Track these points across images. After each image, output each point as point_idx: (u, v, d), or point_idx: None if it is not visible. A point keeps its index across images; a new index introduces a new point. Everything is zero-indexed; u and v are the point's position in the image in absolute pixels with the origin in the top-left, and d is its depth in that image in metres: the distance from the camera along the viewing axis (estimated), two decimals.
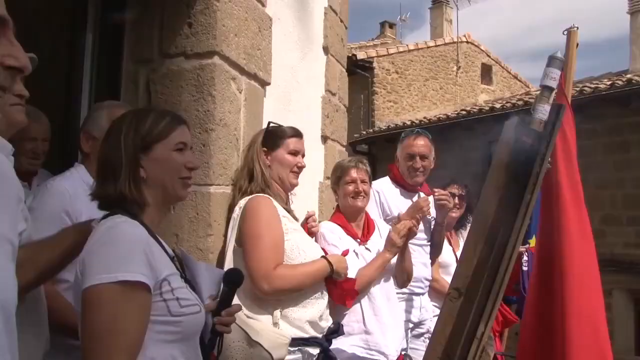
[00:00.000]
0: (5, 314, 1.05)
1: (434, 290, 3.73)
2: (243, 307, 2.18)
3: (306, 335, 2.41)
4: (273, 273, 2.32)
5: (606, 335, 2.48)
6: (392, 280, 3.11)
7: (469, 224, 4.26)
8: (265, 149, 2.63)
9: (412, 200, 3.52)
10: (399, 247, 2.98)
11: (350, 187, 3.04)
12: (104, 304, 1.36)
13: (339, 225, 3.04)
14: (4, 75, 1.01)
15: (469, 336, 1.47)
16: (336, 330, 2.55)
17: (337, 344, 2.70)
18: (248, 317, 2.29)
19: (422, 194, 3.60)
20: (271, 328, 2.30)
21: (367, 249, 3.04)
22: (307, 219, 2.93)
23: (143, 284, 1.39)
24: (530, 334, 2.55)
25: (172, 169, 1.59)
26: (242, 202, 2.49)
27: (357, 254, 2.98)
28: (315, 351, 2.45)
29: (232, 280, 1.82)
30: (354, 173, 3.07)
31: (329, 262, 2.49)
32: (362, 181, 3.06)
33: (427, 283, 3.58)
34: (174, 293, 1.51)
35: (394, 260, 3.03)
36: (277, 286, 2.33)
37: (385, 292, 3.01)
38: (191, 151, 1.68)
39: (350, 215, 3.09)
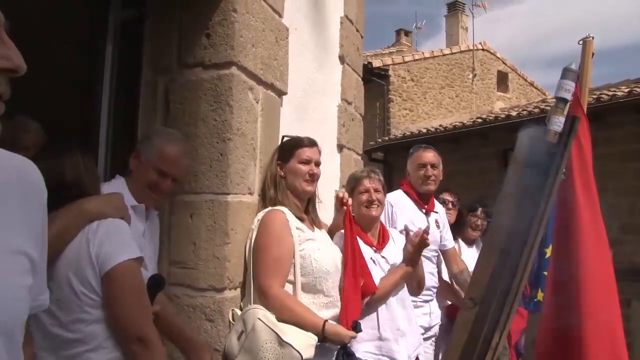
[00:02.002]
0: (7, 333, 1.03)
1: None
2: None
3: None
4: (270, 292, 2.44)
5: (623, 344, 2.47)
6: (406, 288, 3.15)
7: (465, 232, 4.48)
8: (279, 162, 2.76)
9: (424, 215, 3.71)
10: (415, 261, 3.08)
11: (364, 197, 3.10)
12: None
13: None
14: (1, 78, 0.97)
15: (484, 346, 1.48)
16: (354, 328, 2.59)
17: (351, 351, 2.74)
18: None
19: (433, 214, 3.82)
20: (299, 330, 2.38)
21: (383, 257, 3.09)
22: (341, 201, 2.97)
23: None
24: (546, 343, 2.54)
25: None
26: (259, 215, 2.63)
27: (374, 261, 3.03)
28: (334, 346, 2.53)
29: (153, 285, 2.04)
30: (366, 182, 3.13)
31: (323, 329, 2.47)
32: (376, 190, 3.10)
33: (434, 291, 3.76)
34: None
35: None
36: (270, 305, 2.43)
37: (400, 299, 3.05)
38: None
39: (365, 225, 3.12)
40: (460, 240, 4.46)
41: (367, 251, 3.02)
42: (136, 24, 2.88)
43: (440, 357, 3.84)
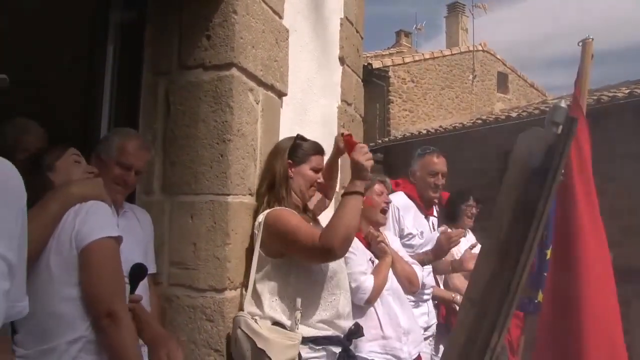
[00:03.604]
0: None
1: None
2: (269, 310, 2.42)
3: (329, 333, 2.49)
4: (327, 239, 2.35)
5: (622, 345, 2.48)
6: (401, 290, 3.17)
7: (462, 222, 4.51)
8: (290, 161, 2.70)
9: (426, 220, 3.73)
10: (384, 250, 3.12)
11: (380, 199, 3.12)
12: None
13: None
14: None
15: (483, 346, 1.49)
16: (356, 332, 2.60)
17: (355, 351, 2.75)
18: (275, 320, 2.42)
19: (431, 218, 3.88)
20: (281, 332, 2.38)
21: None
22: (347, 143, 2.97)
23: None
24: (545, 344, 2.55)
25: None
26: (260, 217, 2.57)
27: (372, 262, 3.06)
28: (337, 349, 2.52)
29: (134, 274, 2.12)
30: (380, 188, 3.17)
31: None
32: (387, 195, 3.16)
33: (431, 290, 3.73)
34: None
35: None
36: (337, 242, 2.34)
37: (397, 297, 3.08)
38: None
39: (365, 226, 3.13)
40: (470, 233, 4.49)
41: (366, 252, 3.05)
42: (137, 25, 2.89)
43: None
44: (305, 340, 2.42)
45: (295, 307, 2.43)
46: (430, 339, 3.71)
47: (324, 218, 3.02)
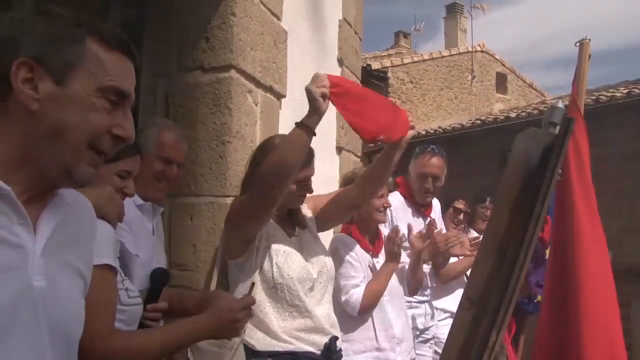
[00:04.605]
0: (70, 343, 1.09)
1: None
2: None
3: (292, 348, 2.28)
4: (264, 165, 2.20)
5: (622, 345, 2.48)
6: (402, 291, 3.12)
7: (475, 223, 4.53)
8: None
9: (421, 219, 3.62)
10: (398, 255, 2.95)
11: (380, 201, 3.00)
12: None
13: (354, 239, 3.01)
14: (108, 142, 1.07)
15: (481, 345, 1.49)
16: (328, 347, 2.36)
17: None
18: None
19: (429, 219, 3.70)
20: (215, 343, 2.07)
21: (378, 262, 3.04)
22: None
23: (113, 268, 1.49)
24: (545, 343, 2.55)
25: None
26: None
27: (370, 268, 3.01)
28: None
29: (158, 279, 1.92)
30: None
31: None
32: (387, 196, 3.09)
33: (429, 291, 3.64)
34: (124, 283, 1.64)
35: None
36: (269, 167, 2.18)
37: (396, 305, 3.01)
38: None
39: (368, 228, 3.08)
40: (472, 231, 4.49)
41: (365, 257, 2.99)
42: (135, 27, 2.90)
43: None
44: (263, 354, 2.24)
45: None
46: (431, 342, 3.65)
47: None
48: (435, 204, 3.92)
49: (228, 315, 1.72)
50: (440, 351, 3.78)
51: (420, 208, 3.73)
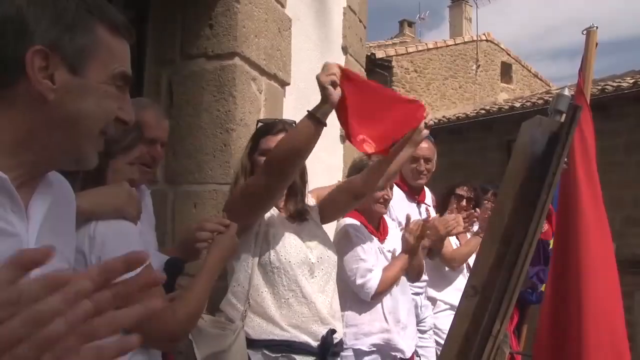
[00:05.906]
0: None
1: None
2: (224, 302, 2.25)
3: (288, 337, 2.24)
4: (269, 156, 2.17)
5: (624, 336, 2.48)
6: (405, 279, 3.14)
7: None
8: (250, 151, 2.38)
9: (416, 206, 3.64)
10: (415, 247, 2.95)
11: (380, 193, 2.97)
12: None
13: (362, 223, 3.03)
14: (115, 126, 1.08)
15: (485, 334, 1.49)
16: (325, 339, 2.30)
17: (357, 344, 2.73)
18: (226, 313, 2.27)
19: (423, 205, 3.71)
20: (220, 322, 2.17)
21: (388, 250, 3.06)
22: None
23: None
24: (546, 333, 2.55)
25: None
26: None
27: (382, 252, 3.02)
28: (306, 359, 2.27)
29: (173, 269, 1.88)
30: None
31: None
32: (390, 187, 3.08)
33: (424, 284, 3.64)
34: None
35: None
36: (276, 157, 2.15)
37: (402, 290, 3.04)
38: None
39: (371, 219, 3.09)
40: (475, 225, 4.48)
41: (374, 242, 3.01)
42: (139, 15, 2.89)
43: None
44: (258, 344, 2.19)
45: (246, 298, 2.24)
46: (430, 332, 3.67)
47: None
48: (427, 191, 3.93)
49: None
50: (441, 341, 3.81)
51: (414, 195, 3.74)
